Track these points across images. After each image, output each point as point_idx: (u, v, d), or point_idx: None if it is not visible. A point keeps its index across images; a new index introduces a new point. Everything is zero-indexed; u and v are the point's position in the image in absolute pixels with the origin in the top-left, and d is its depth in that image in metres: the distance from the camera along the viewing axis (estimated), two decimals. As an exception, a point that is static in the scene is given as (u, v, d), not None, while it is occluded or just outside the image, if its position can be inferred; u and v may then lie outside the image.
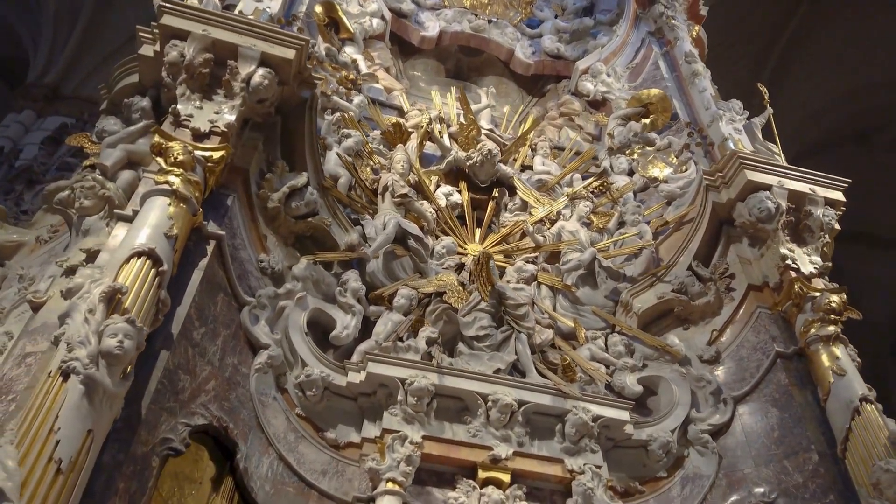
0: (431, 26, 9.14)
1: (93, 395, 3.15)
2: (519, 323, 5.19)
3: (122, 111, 5.21)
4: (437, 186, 6.74)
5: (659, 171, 7.17)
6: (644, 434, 4.97)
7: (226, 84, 4.88)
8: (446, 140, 7.07)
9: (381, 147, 6.79)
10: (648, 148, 7.45)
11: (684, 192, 6.71)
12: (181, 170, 4.29)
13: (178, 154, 4.31)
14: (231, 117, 4.75)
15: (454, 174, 6.98)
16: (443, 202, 6.55)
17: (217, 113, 4.77)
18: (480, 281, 5.21)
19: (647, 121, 7.70)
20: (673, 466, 4.99)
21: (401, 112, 7.59)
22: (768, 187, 5.73)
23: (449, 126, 7.36)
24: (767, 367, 5.16)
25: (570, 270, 5.96)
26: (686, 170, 6.95)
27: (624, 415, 4.88)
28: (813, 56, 14.72)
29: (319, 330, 4.95)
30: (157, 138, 4.42)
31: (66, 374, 3.14)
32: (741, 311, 5.61)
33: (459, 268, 6.04)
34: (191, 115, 4.69)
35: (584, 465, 4.62)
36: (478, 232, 6.67)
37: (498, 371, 4.87)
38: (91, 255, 4.30)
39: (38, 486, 2.82)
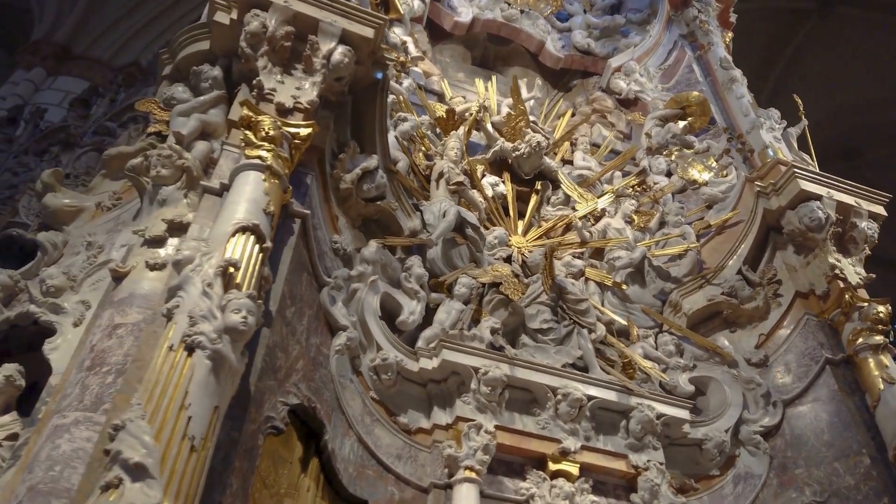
0: (465, 12, 9.04)
1: (219, 371, 3.08)
2: (580, 318, 5.23)
3: (189, 79, 5.05)
4: (483, 176, 6.73)
5: (698, 174, 7.28)
6: (699, 433, 5.08)
7: (306, 59, 4.77)
8: (490, 129, 7.06)
9: (429, 133, 6.75)
10: (686, 150, 7.55)
11: (726, 196, 6.83)
12: (272, 145, 4.20)
13: (268, 129, 4.22)
14: (313, 94, 4.66)
15: (497, 165, 6.98)
16: (489, 192, 6.54)
17: (299, 89, 4.67)
18: (545, 274, 5.23)
19: (684, 123, 7.80)
20: (725, 465, 5.12)
21: (440, 98, 7.55)
22: (819, 197, 5.87)
23: (491, 115, 7.35)
24: (817, 373, 5.31)
25: (622, 268, 6.02)
26: (727, 175, 7.08)
27: (685, 413, 4.99)
28: (810, 73, 15.11)
29: (384, 314, 4.91)
30: (245, 111, 4.31)
31: (190, 349, 3.06)
32: (788, 316, 5.76)
33: (506, 260, 6.04)
34: (274, 90, 4.59)
35: (648, 461, 4.71)
36: (520, 224, 6.69)
37: (566, 366, 4.91)
38: (174, 227, 4.20)
39: (176, 464, 2.75)
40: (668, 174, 7.42)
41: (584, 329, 5.20)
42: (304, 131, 4.44)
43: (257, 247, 3.69)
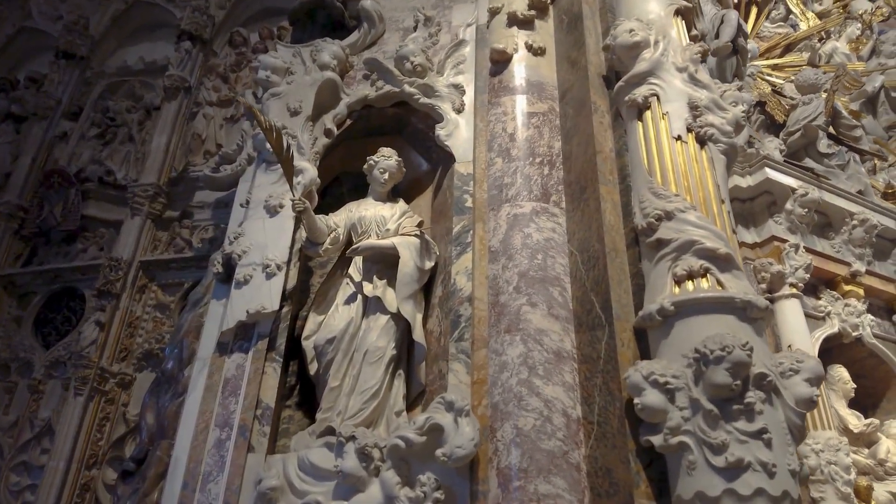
0: None
1: (730, 165, 3.01)
2: (855, 144, 5.17)
3: None
4: (706, -20, 6.19)
5: (907, 1, 6.93)
6: (939, 259, 5.34)
7: None
8: (714, -73, 6.39)
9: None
10: (892, -27, 7.11)
11: (942, 29, 6.60)
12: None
13: None
14: None
15: (716, -31, 6.42)
16: (716, 1, 6.07)
17: None
18: (830, 95, 5.06)
19: (891, -57, 7.26)
20: (953, 290, 5.45)
21: None
22: None
23: None
24: None
25: (858, 97, 5.88)
26: (943, 6, 6.77)
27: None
28: None
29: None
30: None
31: (701, 141, 2.91)
32: None
33: (742, 77, 5.77)
34: None
35: (912, 287, 4.96)
36: (740, 39, 6.32)
37: (860, 192, 4.92)
38: (538, 6, 3.81)
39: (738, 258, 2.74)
40: (873, -1, 7.05)
41: (857, 156, 5.16)
42: None
43: (686, 32, 3.43)
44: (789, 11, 6.46)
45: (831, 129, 5.32)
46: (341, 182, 4.03)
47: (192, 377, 3.17)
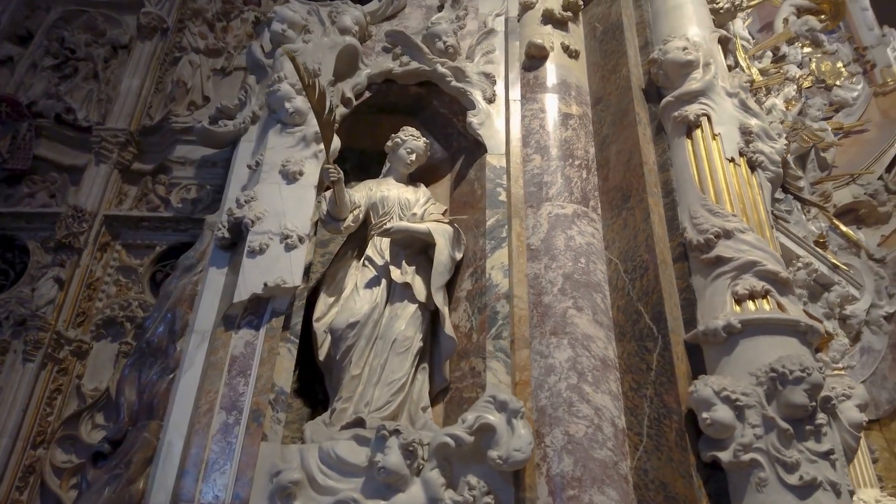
0: None
1: (773, 191, 3.09)
2: (798, 194, 5.59)
3: None
4: (672, 20, 6.51)
5: (828, 74, 7.67)
6: (847, 310, 5.89)
7: None
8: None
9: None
10: (816, 48, 7.85)
11: (855, 102, 7.36)
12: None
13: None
14: None
15: (680, 12, 6.76)
16: (684, 41, 6.39)
17: None
18: (787, 145, 5.44)
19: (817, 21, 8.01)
20: (853, 339, 6.03)
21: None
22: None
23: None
24: (927, 275, 6.31)
25: (794, 153, 6.39)
26: (856, 83, 7.55)
27: (857, 293, 5.71)
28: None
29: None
30: None
31: (752, 166, 3.01)
32: (905, 225, 6.63)
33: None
34: None
35: (834, 329, 5.42)
36: (693, 80, 6.69)
37: (804, 238, 5.31)
38: (571, 7, 3.78)
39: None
40: (800, 66, 7.71)
41: (800, 205, 5.59)
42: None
43: (724, 60, 3.55)
44: (737, 63, 6.92)
45: (776, 177, 5.77)
46: (345, 158, 3.75)
47: (187, 352, 2.77)
